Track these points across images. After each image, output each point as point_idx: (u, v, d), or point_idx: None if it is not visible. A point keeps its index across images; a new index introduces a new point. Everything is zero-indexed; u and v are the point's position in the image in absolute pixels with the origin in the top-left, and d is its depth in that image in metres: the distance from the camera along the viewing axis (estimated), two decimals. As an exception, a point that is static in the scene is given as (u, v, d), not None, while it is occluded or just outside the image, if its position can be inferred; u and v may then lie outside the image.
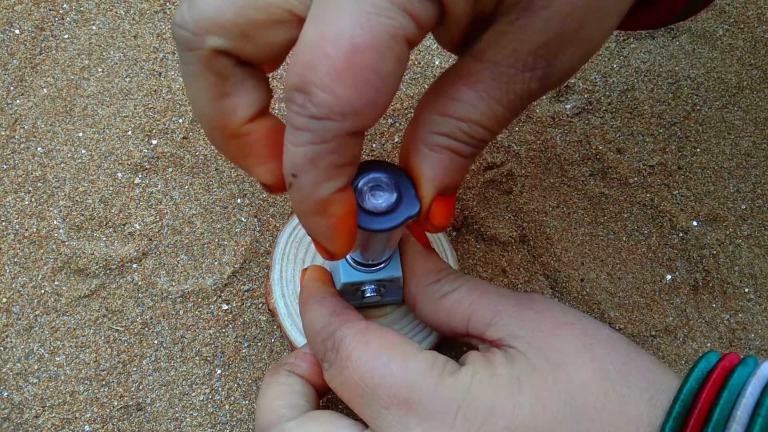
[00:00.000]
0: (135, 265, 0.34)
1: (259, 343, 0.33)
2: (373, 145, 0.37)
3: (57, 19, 0.38)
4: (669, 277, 0.35)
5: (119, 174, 0.35)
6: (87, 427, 0.32)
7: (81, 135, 0.36)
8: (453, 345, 0.32)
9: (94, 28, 0.38)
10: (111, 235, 0.34)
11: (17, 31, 0.37)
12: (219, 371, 0.33)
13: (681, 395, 0.22)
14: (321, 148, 0.20)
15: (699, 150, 0.38)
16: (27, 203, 0.35)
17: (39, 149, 0.35)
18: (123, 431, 0.32)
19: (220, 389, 0.33)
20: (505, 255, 0.35)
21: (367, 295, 0.29)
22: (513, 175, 0.36)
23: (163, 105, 0.36)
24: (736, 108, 0.39)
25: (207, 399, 0.33)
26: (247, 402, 0.33)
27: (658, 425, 0.22)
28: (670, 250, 0.36)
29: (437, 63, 0.38)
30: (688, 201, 0.37)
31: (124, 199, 0.35)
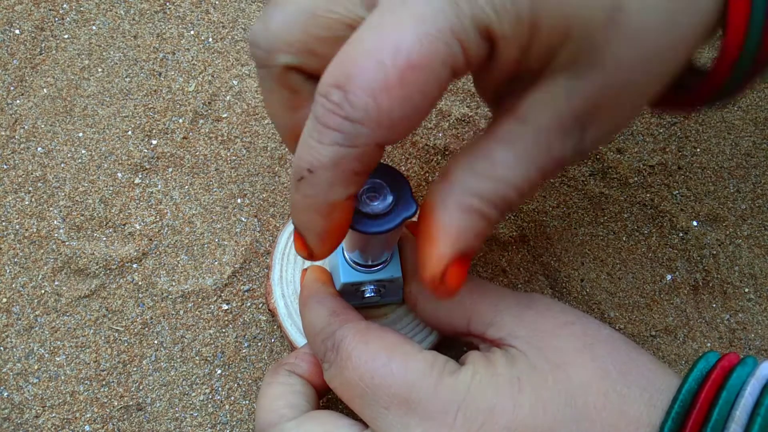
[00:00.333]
0: (135, 265, 0.34)
1: (259, 343, 0.33)
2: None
3: (57, 19, 0.38)
4: (669, 277, 0.36)
5: (119, 174, 0.35)
6: (87, 427, 0.32)
7: (81, 135, 0.36)
8: (453, 345, 0.32)
9: (94, 28, 0.38)
10: (111, 235, 0.34)
11: (17, 31, 0.37)
12: (219, 371, 0.33)
13: (680, 395, 0.22)
14: (347, 152, 0.20)
15: (699, 150, 0.38)
16: (27, 203, 0.35)
17: (39, 149, 0.35)
18: (123, 431, 0.32)
19: (220, 389, 0.33)
20: (505, 255, 0.35)
21: (367, 295, 0.29)
22: (513, 175, 0.36)
23: (163, 105, 0.36)
24: (736, 108, 0.39)
25: (207, 399, 0.33)
26: (247, 402, 0.33)
27: (658, 425, 0.22)
28: (670, 250, 0.36)
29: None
30: (688, 201, 0.37)
31: (124, 199, 0.35)
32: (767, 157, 0.38)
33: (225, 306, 0.34)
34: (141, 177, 0.35)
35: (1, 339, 0.33)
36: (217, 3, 0.38)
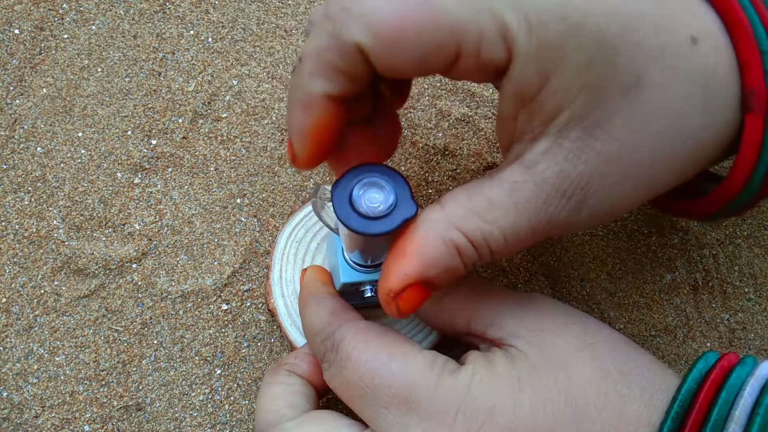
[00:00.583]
0: (135, 265, 0.34)
1: (259, 343, 0.33)
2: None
3: (57, 19, 0.38)
4: (669, 277, 0.36)
5: (119, 174, 0.35)
6: (87, 427, 0.32)
7: (81, 135, 0.36)
8: (453, 345, 0.32)
9: (93, 28, 0.38)
10: (111, 235, 0.34)
11: (17, 31, 0.37)
12: (219, 371, 0.33)
13: (679, 395, 0.22)
14: (331, 43, 0.21)
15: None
16: (27, 203, 0.35)
17: (39, 149, 0.35)
18: (123, 431, 0.32)
19: (219, 389, 0.33)
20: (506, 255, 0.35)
21: (367, 295, 0.29)
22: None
23: (163, 105, 0.36)
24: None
25: (207, 399, 0.33)
26: (247, 402, 0.33)
27: (658, 425, 0.22)
28: (670, 250, 0.36)
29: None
30: (687, 201, 0.37)
31: (123, 199, 0.35)
32: (767, 157, 0.38)
33: (225, 306, 0.34)
34: (140, 177, 0.35)
35: (1, 339, 0.33)
36: (217, 3, 0.38)
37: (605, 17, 0.20)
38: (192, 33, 0.38)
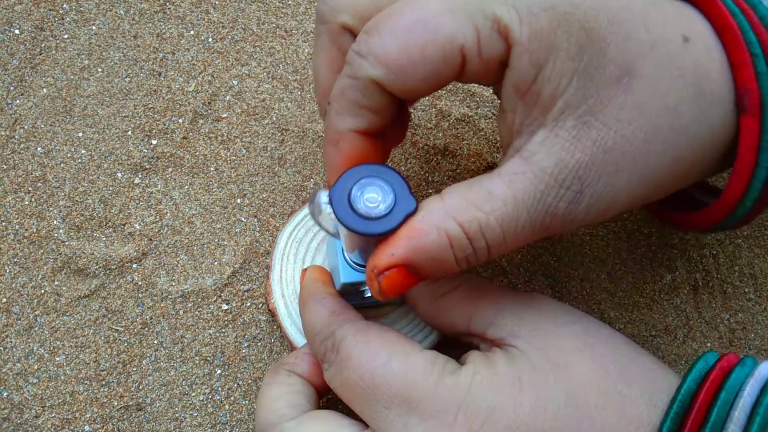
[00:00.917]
0: (135, 265, 0.34)
1: (259, 343, 0.33)
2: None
3: (57, 19, 0.38)
4: (669, 277, 0.36)
5: (119, 174, 0.35)
6: (87, 427, 0.32)
7: (81, 135, 0.36)
8: (454, 345, 0.32)
9: (93, 28, 0.38)
10: (111, 235, 0.34)
11: (17, 31, 0.37)
12: (219, 371, 0.33)
13: (679, 395, 0.22)
14: (351, 82, 0.22)
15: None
16: (27, 203, 0.35)
17: (39, 149, 0.35)
18: (123, 431, 0.32)
19: (220, 389, 0.33)
20: (505, 255, 0.35)
21: (367, 295, 0.29)
22: (513, 175, 0.36)
23: (163, 105, 0.36)
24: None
25: (207, 399, 0.33)
26: (247, 402, 0.33)
27: (658, 425, 0.22)
28: (670, 250, 0.36)
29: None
30: (687, 201, 0.37)
31: (123, 199, 0.35)
32: (767, 157, 0.38)
33: (225, 306, 0.34)
34: (141, 177, 0.35)
35: (1, 339, 0.33)
36: (217, 3, 0.38)
37: (594, 9, 0.21)
38: (192, 33, 0.38)
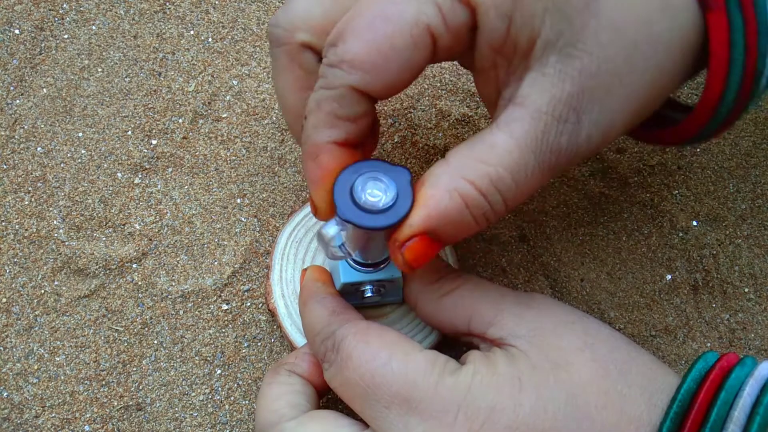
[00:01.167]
0: (135, 265, 0.34)
1: (259, 343, 0.33)
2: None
3: (57, 19, 0.38)
4: (669, 277, 0.36)
5: (119, 174, 0.35)
6: (87, 427, 0.32)
7: (81, 135, 0.36)
8: (454, 345, 0.32)
9: (93, 28, 0.38)
10: (111, 235, 0.34)
11: (17, 31, 0.37)
12: (219, 371, 0.33)
13: (678, 395, 0.22)
14: (327, 93, 0.22)
15: (699, 150, 0.38)
16: (27, 203, 0.35)
17: (39, 149, 0.35)
18: (123, 431, 0.32)
19: (220, 389, 0.33)
20: (505, 255, 0.35)
21: (367, 295, 0.29)
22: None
23: (163, 105, 0.36)
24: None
25: (207, 399, 0.33)
26: (247, 402, 0.33)
27: (658, 424, 0.22)
28: (670, 250, 0.36)
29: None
30: (688, 201, 0.37)
31: (123, 199, 0.35)
32: (767, 157, 0.38)
33: (225, 306, 0.34)
34: (141, 177, 0.35)
35: (1, 339, 0.33)
36: (217, 3, 0.38)
37: None
38: (192, 33, 0.38)
